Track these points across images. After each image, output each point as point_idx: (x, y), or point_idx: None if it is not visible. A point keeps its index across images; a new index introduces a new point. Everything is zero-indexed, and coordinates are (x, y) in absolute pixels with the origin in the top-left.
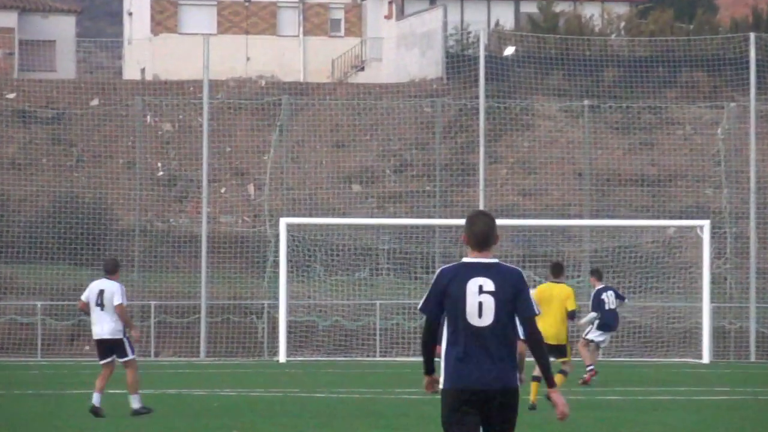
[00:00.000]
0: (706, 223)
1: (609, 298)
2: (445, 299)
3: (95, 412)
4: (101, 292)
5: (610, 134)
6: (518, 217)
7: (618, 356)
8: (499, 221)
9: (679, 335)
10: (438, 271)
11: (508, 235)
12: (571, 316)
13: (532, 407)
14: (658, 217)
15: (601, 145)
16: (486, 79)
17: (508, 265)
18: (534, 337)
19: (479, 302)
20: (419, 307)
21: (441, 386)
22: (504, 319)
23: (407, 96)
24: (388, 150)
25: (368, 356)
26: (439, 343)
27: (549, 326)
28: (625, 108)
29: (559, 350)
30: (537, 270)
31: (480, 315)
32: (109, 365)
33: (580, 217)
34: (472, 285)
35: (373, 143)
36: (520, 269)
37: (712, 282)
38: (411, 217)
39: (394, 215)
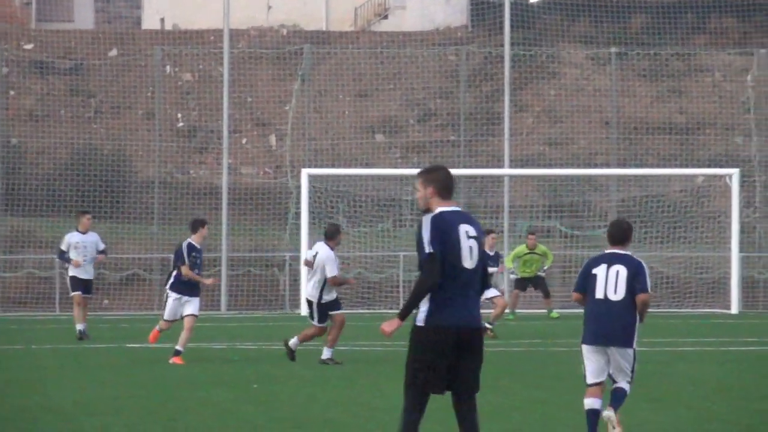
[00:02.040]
0: (735, 172)
1: None
2: (446, 244)
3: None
4: (315, 255)
5: (637, 82)
6: (544, 166)
7: None
8: (525, 171)
9: (708, 285)
10: (430, 217)
11: (534, 184)
12: None
13: None
14: (686, 166)
15: (628, 93)
16: (511, 27)
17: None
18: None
19: (469, 246)
20: (430, 250)
21: (418, 324)
22: (480, 262)
23: (431, 44)
24: (411, 99)
25: (391, 308)
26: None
27: None
28: (653, 55)
29: None
30: (562, 220)
31: (471, 258)
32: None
33: (607, 166)
34: (462, 230)
35: (397, 92)
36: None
37: (741, 231)
38: None
39: (418, 165)
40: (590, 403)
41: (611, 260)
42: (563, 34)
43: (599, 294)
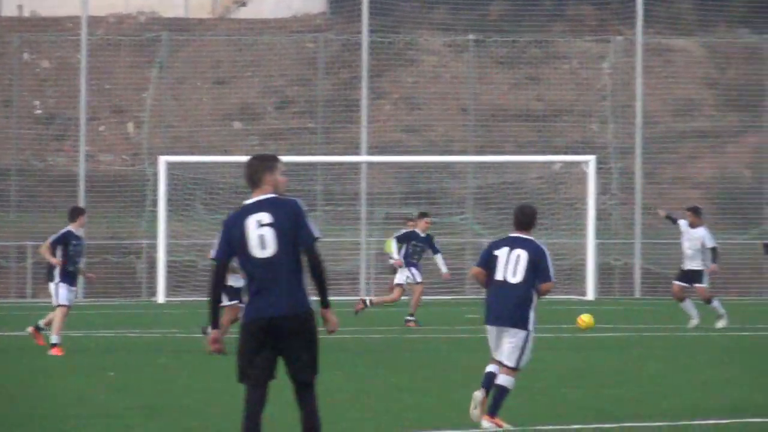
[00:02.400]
0: (591, 159)
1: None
2: (232, 242)
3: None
4: None
5: (495, 69)
6: (401, 153)
7: None
8: (382, 158)
9: (564, 272)
10: (226, 218)
11: (392, 171)
12: None
13: None
14: (543, 153)
15: (486, 80)
16: (369, 14)
17: (285, 197)
18: (314, 262)
19: (260, 235)
20: (211, 257)
21: (241, 320)
22: (287, 248)
23: (289, 31)
24: (269, 87)
25: None
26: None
27: None
28: (510, 42)
29: None
30: (420, 207)
31: (263, 247)
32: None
33: (465, 153)
34: (251, 221)
35: (255, 80)
36: (297, 199)
37: (598, 218)
38: (293, 154)
39: (276, 152)
40: (490, 368)
41: (513, 244)
42: (421, 21)
43: (499, 276)
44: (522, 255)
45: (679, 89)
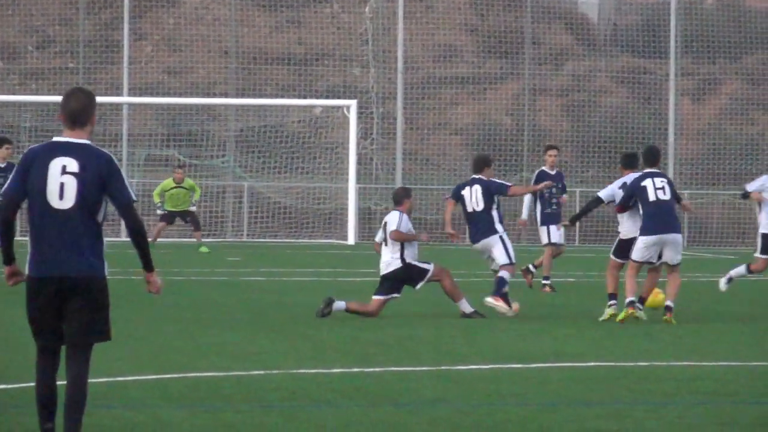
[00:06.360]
0: (353, 103)
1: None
2: (30, 181)
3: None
4: (384, 226)
5: (256, 12)
6: (163, 95)
7: (263, 237)
8: (143, 99)
9: (325, 216)
10: (26, 150)
11: (153, 113)
12: None
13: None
14: (304, 97)
15: (247, 23)
16: None
17: (98, 148)
18: (133, 225)
19: (61, 183)
20: (1, 191)
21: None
22: (88, 204)
23: None
24: (30, 26)
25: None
26: None
27: None
28: None
29: None
30: (181, 149)
31: (61, 197)
32: (383, 302)
33: (226, 95)
34: (55, 165)
35: (15, 19)
36: (110, 153)
37: (359, 163)
38: (54, 94)
39: (37, 92)
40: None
41: (471, 183)
42: None
43: (469, 208)
44: (476, 189)
45: (440, 35)
